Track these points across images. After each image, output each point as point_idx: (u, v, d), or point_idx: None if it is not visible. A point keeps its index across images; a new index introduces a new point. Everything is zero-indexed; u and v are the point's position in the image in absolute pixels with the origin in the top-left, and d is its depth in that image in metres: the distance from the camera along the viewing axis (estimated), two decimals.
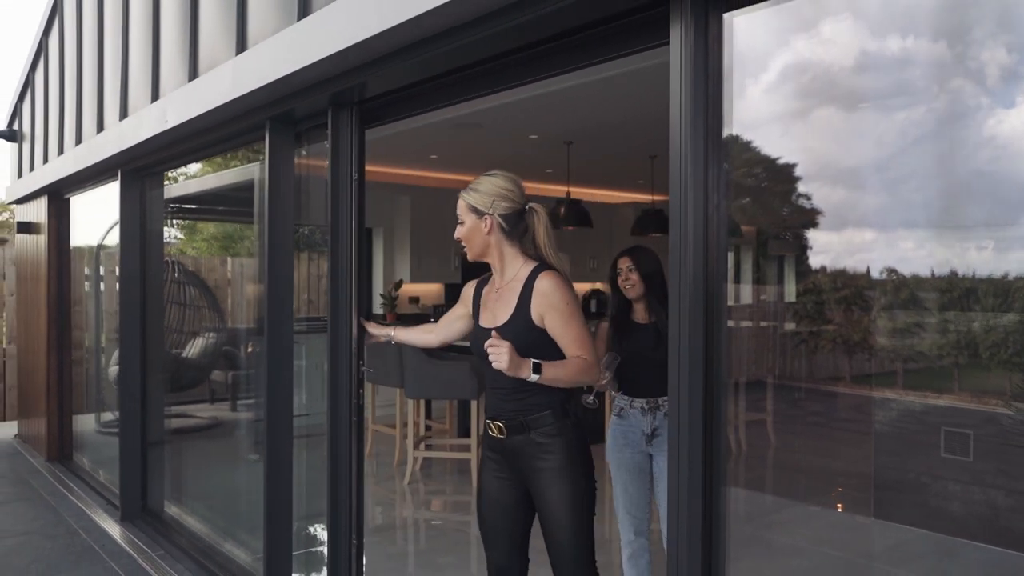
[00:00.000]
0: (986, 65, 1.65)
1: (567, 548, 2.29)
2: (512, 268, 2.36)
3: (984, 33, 1.66)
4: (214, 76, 3.31)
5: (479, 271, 2.51)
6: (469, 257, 2.40)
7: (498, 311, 2.33)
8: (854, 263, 2.17)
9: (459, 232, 2.37)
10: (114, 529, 4.73)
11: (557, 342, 2.26)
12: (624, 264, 3.15)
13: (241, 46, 3.22)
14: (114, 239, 6.32)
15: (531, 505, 2.37)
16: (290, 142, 3.34)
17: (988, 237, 1.83)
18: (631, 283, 3.13)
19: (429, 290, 9.15)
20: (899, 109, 1.86)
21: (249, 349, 6.07)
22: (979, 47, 1.67)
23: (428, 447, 6.05)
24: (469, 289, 2.53)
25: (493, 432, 2.36)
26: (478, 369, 2.49)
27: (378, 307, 8.85)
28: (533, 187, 9.20)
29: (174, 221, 6.89)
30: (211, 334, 6.97)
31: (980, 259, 1.85)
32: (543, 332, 2.26)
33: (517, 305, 2.29)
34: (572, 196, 7.67)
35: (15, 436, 7.48)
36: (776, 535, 4.23)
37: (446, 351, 6.03)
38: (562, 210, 7.44)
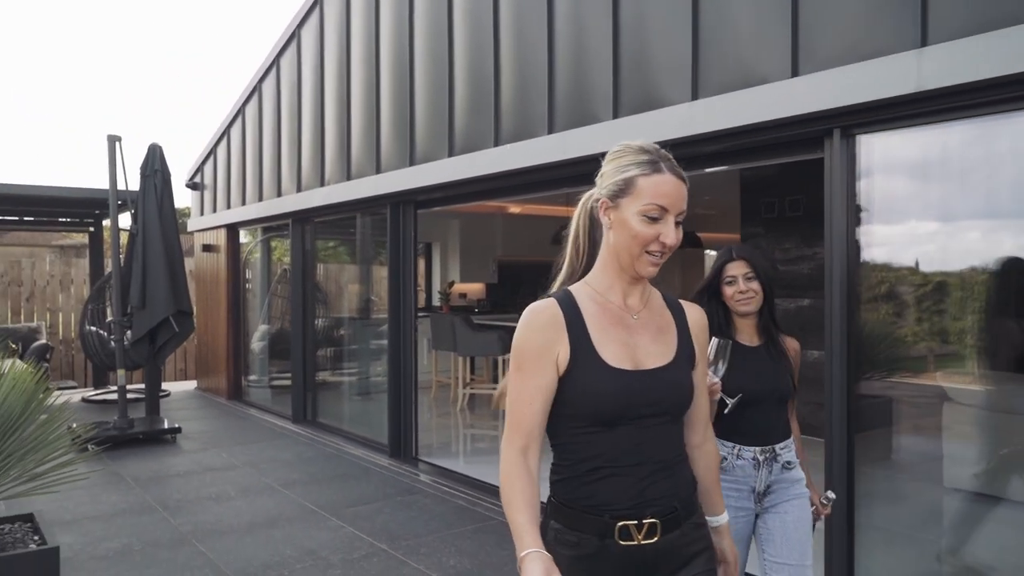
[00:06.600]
0: None
1: None
2: (647, 285, 1.70)
3: None
4: (362, 181, 6.68)
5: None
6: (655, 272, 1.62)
7: (642, 346, 1.61)
8: None
9: (679, 235, 1.59)
10: (290, 427, 8.17)
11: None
12: (740, 271, 2.45)
13: (376, 169, 6.58)
14: (257, 251, 9.80)
15: None
16: (398, 214, 6.65)
17: None
18: (751, 294, 2.44)
19: (474, 288, 12.47)
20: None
21: (341, 332, 9.41)
22: None
23: (472, 388, 9.36)
24: (551, 325, 1.58)
25: (636, 538, 1.54)
26: (570, 440, 1.61)
27: (436, 300, 12.22)
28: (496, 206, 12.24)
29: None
30: (320, 320, 10.34)
31: None
32: None
33: (680, 340, 1.67)
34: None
35: (196, 388, 11.07)
36: None
37: (480, 326, 9.35)
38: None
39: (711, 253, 13.72)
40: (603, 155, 1.69)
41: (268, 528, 4.81)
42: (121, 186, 7.35)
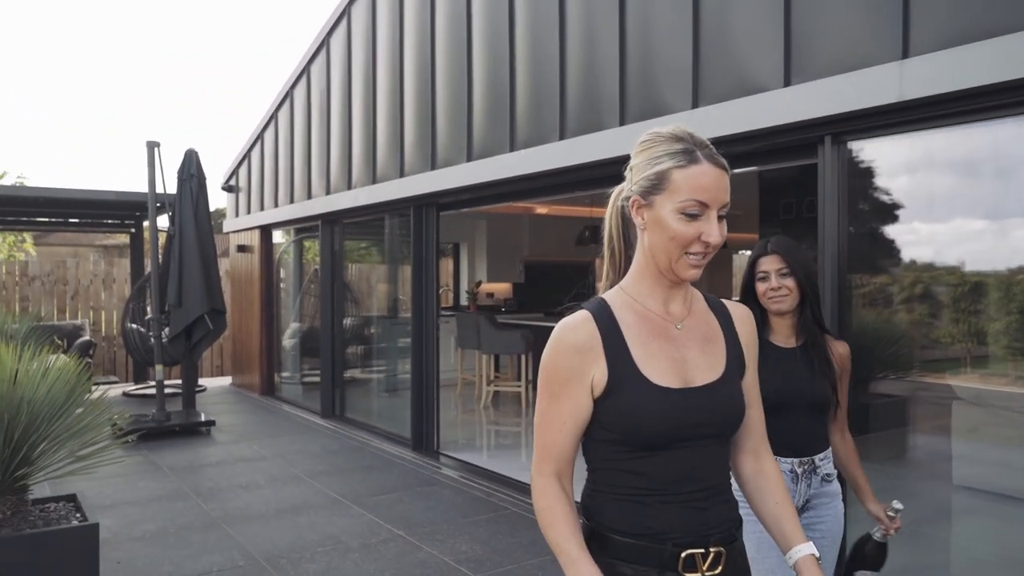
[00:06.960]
0: None
1: None
2: (689, 288, 1.52)
3: None
4: (386, 184, 6.94)
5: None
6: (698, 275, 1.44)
7: (690, 359, 1.44)
8: None
9: (723, 230, 1.43)
10: (319, 421, 8.47)
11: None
12: (772, 266, 2.28)
13: (400, 173, 6.83)
14: (290, 250, 10.12)
15: None
16: (421, 216, 6.90)
17: None
18: (784, 292, 2.27)
19: (500, 287, 12.69)
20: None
21: (369, 331, 9.68)
22: None
23: (496, 385, 9.58)
24: (585, 346, 1.41)
25: (700, 569, 1.39)
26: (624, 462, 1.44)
27: (463, 300, 12.46)
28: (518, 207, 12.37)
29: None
30: (350, 319, 10.63)
31: None
32: None
33: (728, 348, 1.50)
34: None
35: (230, 384, 11.45)
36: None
37: (504, 325, 9.54)
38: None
39: (745, 253, 13.74)
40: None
41: (293, 515, 5.08)
42: (160, 189, 7.71)
